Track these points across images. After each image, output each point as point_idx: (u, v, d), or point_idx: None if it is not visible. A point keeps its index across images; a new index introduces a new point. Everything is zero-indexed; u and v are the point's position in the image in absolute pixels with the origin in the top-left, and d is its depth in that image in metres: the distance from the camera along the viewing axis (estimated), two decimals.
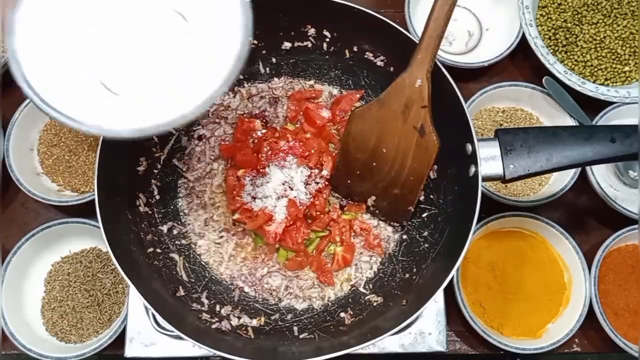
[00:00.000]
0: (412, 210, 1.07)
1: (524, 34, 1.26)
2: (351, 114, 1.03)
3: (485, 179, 0.92)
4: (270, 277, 1.09)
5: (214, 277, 1.09)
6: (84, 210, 1.18)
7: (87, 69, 0.76)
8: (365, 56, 1.12)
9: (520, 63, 1.35)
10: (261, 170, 1.10)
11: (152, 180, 1.10)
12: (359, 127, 1.02)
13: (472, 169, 0.93)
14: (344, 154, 1.07)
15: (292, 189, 1.09)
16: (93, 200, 0.94)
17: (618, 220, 1.21)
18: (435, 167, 1.08)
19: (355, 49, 1.12)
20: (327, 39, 1.12)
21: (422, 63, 0.91)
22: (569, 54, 1.29)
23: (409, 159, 1.00)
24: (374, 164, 1.04)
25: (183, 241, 1.10)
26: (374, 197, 1.10)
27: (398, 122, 0.97)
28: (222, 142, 1.15)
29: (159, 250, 1.06)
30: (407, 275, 1.05)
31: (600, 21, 1.29)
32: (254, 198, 1.09)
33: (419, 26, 1.35)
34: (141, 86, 0.77)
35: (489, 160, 0.92)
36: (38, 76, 0.73)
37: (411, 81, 0.92)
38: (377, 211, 1.12)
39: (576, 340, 1.20)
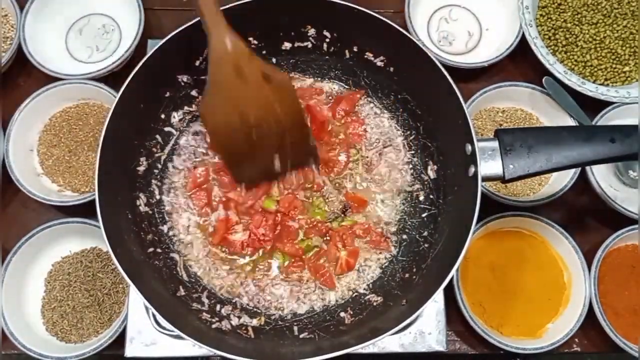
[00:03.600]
0: (315, 144, 1.07)
1: (524, 34, 1.26)
2: (200, 115, 1.01)
3: (484, 179, 0.92)
4: (274, 287, 1.08)
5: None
6: (84, 210, 1.18)
7: None
8: (365, 56, 1.12)
9: (520, 63, 1.35)
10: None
11: (153, 180, 1.10)
12: (216, 120, 0.99)
13: (472, 169, 0.93)
14: (223, 149, 1.05)
15: None
16: (93, 200, 0.93)
17: (618, 220, 1.21)
18: (435, 167, 1.08)
19: (355, 49, 1.12)
20: (327, 39, 1.12)
21: (216, 25, 0.90)
22: (568, 54, 1.29)
23: (278, 108, 0.98)
24: (254, 136, 1.01)
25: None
26: (277, 159, 1.07)
27: (243, 88, 0.95)
28: None
29: (159, 250, 1.06)
30: (407, 275, 1.05)
31: (600, 21, 1.29)
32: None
33: (419, 26, 1.35)
34: None
35: (489, 160, 0.92)
36: None
37: (221, 47, 0.91)
38: (288, 167, 1.09)
39: (576, 340, 1.20)
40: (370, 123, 1.16)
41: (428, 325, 1.05)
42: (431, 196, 1.09)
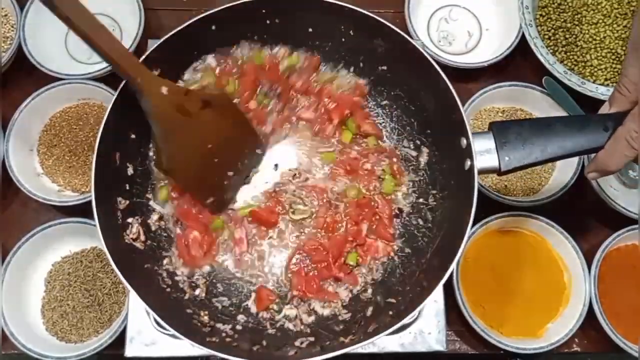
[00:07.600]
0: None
1: (524, 34, 1.26)
2: (168, 174, 1.03)
3: (480, 172, 0.92)
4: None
5: (212, 280, 1.09)
6: (84, 210, 1.18)
7: None
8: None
9: (520, 63, 1.35)
10: None
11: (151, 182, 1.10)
12: (182, 167, 1.01)
13: (468, 163, 0.93)
14: (193, 187, 1.05)
15: None
16: None
17: (618, 220, 1.21)
18: (431, 161, 1.09)
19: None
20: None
21: (149, 80, 0.91)
22: (568, 54, 1.29)
23: (230, 127, 1.03)
24: (215, 159, 1.04)
25: None
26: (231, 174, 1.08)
27: (192, 123, 0.97)
28: None
29: (157, 252, 1.05)
30: (405, 272, 1.05)
31: (600, 21, 1.29)
32: None
33: (419, 26, 1.35)
34: None
35: (484, 153, 0.91)
36: None
37: (161, 98, 0.92)
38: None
39: (576, 340, 1.20)
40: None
41: (428, 325, 1.04)
42: (428, 191, 1.09)
